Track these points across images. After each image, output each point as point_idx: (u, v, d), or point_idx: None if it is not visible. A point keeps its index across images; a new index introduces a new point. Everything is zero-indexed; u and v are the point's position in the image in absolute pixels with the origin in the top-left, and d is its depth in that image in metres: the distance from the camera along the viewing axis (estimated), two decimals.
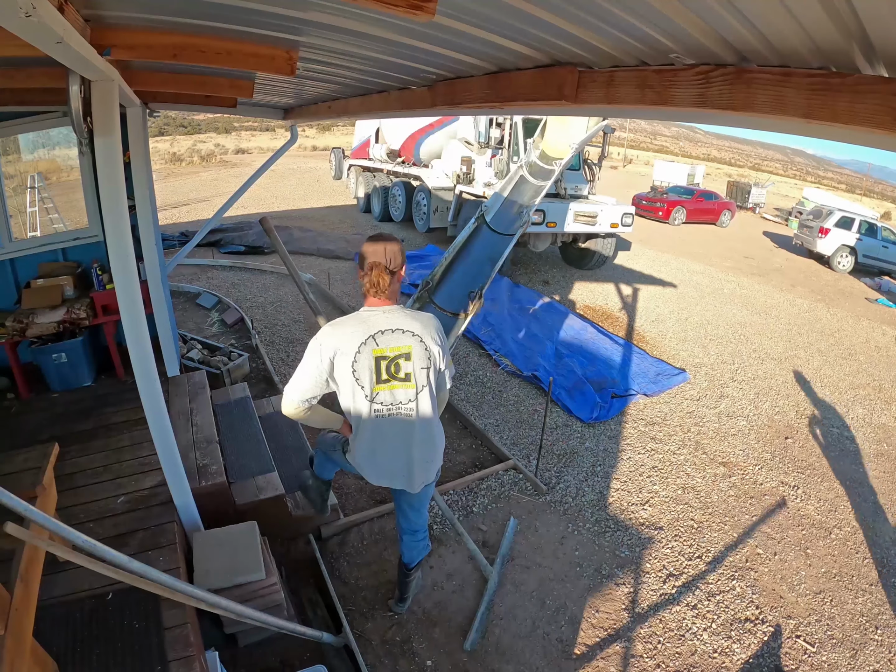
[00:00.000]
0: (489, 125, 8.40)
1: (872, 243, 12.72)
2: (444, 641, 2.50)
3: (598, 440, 4.28)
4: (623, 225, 8.68)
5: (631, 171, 38.32)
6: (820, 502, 3.81)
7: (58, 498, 1.97)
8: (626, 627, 2.67)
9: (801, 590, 3.01)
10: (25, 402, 3.50)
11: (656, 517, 3.48)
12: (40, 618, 1.49)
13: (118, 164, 1.97)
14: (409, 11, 1.05)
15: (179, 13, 1.62)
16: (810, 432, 4.76)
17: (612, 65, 1.58)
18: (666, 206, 16.26)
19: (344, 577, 2.81)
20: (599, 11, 1.18)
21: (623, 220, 8.65)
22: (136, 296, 2.07)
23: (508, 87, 1.93)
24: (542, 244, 8.77)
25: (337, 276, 8.04)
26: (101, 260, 3.91)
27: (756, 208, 22.15)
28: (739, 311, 8.09)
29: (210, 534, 2.40)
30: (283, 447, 3.43)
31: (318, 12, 1.50)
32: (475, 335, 6.02)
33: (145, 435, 2.50)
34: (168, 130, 35.19)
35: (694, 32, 1.15)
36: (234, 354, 4.89)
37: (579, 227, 8.39)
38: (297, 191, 16.51)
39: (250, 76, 2.77)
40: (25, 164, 5.63)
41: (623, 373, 5.43)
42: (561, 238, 8.96)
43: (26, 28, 1.05)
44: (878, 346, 7.32)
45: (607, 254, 9.26)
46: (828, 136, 1.21)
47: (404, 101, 2.76)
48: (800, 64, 1.13)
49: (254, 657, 2.30)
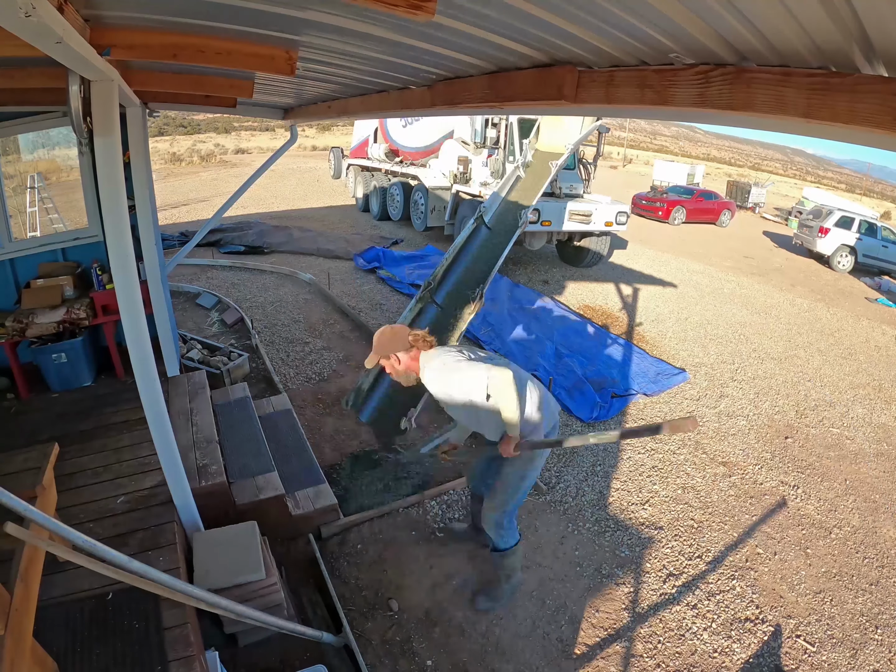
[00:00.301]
0: (485, 125, 8.52)
1: (872, 243, 12.71)
2: (444, 641, 2.50)
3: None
4: (617, 223, 8.76)
5: (631, 170, 38.31)
6: (820, 502, 3.81)
7: (58, 498, 1.97)
8: (626, 627, 2.68)
9: (801, 589, 3.01)
10: (25, 402, 3.50)
11: (656, 517, 3.48)
12: (40, 618, 1.49)
13: (118, 164, 1.97)
14: (409, 11, 1.05)
15: (179, 13, 1.62)
16: (810, 432, 4.76)
17: (611, 64, 1.58)
18: (666, 205, 16.24)
19: (344, 577, 2.81)
20: (599, 11, 1.18)
21: (617, 218, 8.73)
22: (136, 296, 2.07)
23: (508, 87, 1.93)
24: (538, 242, 8.83)
25: (337, 276, 8.04)
26: (101, 260, 3.91)
27: (756, 208, 22.13)
28: (739, 311, 8.09)
29: (210, 534, 2.40)
30: (282, 447, 3.43)
31: (317, 12, 1.50)
32: (475, 335, 6.02)
33: (145, 435, 2.50)
34: (168, 130, 35.18)
35: (694, 32, 1.15)
36: (233, 354, 4.89)
37: (574, 225, 8.50)
38: (296, 191, 16.50)
39: (250, 76, 2.77)
40: (25, 164, 5.62)
41: (623, 372, 5.43)
42: (557, 237, 9.05)
43: (26, 28, 1.05)
44: (878, 346, 7.32)
45: (602, 252, 9.38)
46: (828, 135, 1.21)
47: (404, 101, 2.76)
48: (799, 64, 1.13)
49: (254, 657, 2.30)
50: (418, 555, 2.99)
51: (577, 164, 9.35)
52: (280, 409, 3.87)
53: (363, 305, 6.96)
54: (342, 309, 6.65)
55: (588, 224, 8.57)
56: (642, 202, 17.00)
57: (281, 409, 3.87)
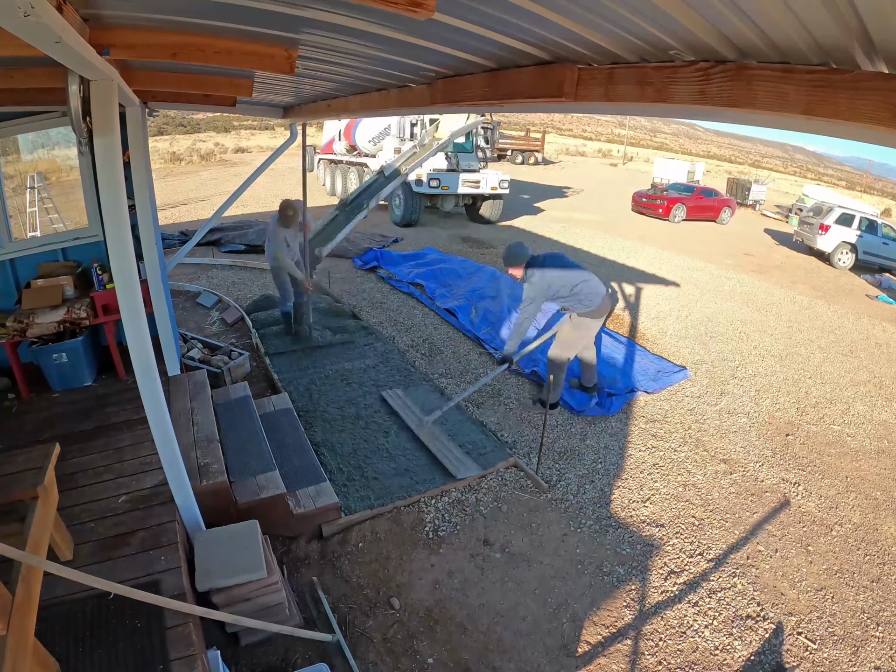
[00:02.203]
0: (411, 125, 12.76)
1: (873, 240, 12.70)
2: (446, 639, 2.51)
3: (598, 438, 4.28)
4: (501, 188, 12.59)
5: (631, 168, 38.28)
6: (821, 499, 3.81)
7: (59, 498, 1.98)
8: (627, 625, 2.68)
9: (802, 587, 3.01)
10: (26, 403, 3.50)
11: (657, 514, 3.49)
12: (42, 618, 1.49)
13: (118, 163, 1.97)
14: (409, 9, 1.05)
15: (178, 12, 1.62)
16: (811, 429, 4.76)
17: (611, 62, 1.57)
18: (666, 203, 16.23)
19: (345, 575, 2.81)
20: (600, 9, 1.18)
21: (500, 184, 12.54)
22: (137, 295, 2.07)
23: (508, 85, 1.93)
24: (448, 205, 13.00)
25: (337, 275, 8.05)
26: (102, 259, 3.91)
27: (756, 205, 22.11)
28: (740, 308, 8.09)
29: (211, 533, 2.40)
30: (283, 446, 3.44)
31: (317, 10, 1.49)
32: (475, 334, 6.02)
33: (146, 434, 2.51)
34: (167, 129, 35.13)
35: (694, 29, 1.15)
36: (234, 353, 4.89)
37: (467, 189, 12.40)
38: (296, 189, 16.41)
39: (249, 75, 2.77)
40: (25, 165, 5.63)
41: (624, 370, 5.43)
42: (462, 201, 13.14)
43: (25, 28, 1.05)
44: (879, 343, 7.31)
45: (497, 212, 13.38)
46: (828, 132, 1.21)
47: (404, 99, 2.76)
48: (800, 60, 1.12)
49: (255, 656, 2.31)
50: (419, 553, 3.00)
51: (475, 148, 13.14)
52: (281, 407, 3.87)
53: (364, 304, 6.97)
54: (342, 308, 6.64)
55: (478, 188, 12.44)
56: (643, 200, 17.00)
57: (281, 407, 3.87)
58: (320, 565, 2.85)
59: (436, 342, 5.90)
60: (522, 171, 27.86)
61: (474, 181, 12.33)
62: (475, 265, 8.33)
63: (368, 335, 5.89)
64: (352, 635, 2.48)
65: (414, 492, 3.43)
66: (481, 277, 7.70)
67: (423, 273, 7.88)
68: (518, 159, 31.31)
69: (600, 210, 17.17)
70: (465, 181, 12.24)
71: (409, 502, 3.34)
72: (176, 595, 2.01)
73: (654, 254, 11.29)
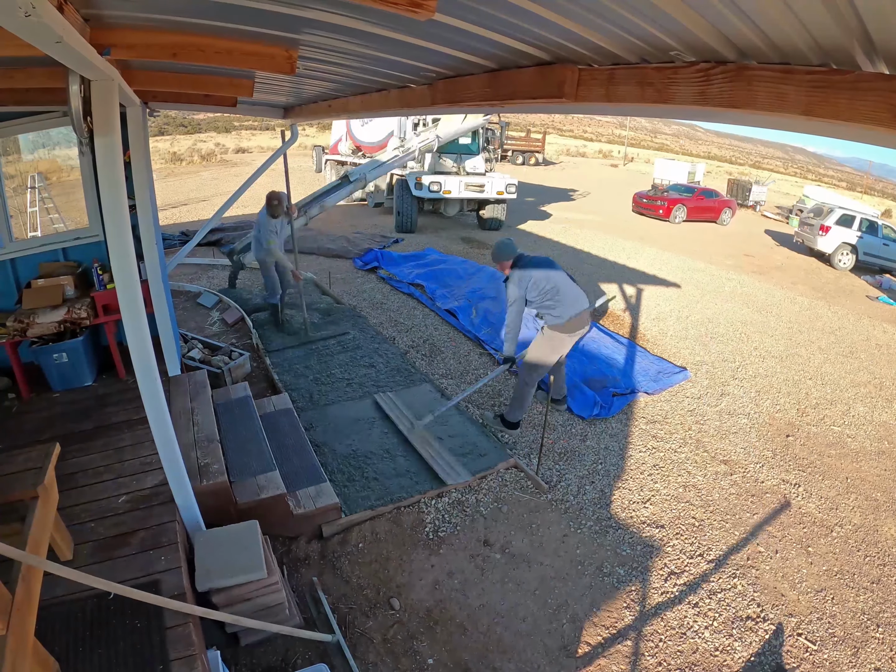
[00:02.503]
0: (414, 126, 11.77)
1: (873, 241, 12.69)
2: (446, 639, 2.51)
3: (599, 438, 4.28)
4: (508, 193, 11.63)
5: (632, 169, 38.29)
6: (821, 500, 3.81)
7: (59, 497, 1.98)
8: (627, 625, 2.68)
9: (802, 588, 3.01)
10: (26, 402, 3.51)
11: (657, 515, 3.48)
12: (42, 618, 1.49)
13: (118, 163, 1.97)
14: (410, 10, 1.05)
15: (178, 12, 1.62)
16: (811, 430, 4.76)
17: (612, 62, 1.57)
18: (667, 204, 16.23)
19: (345, 575, 2.81)
20: (600, 9, 1.18)
21: (507, 189, 11.60)
22: (137, 295, 2.07)
23: (509, 85, 1.93)
24: (452, 209, 12.10)
25: (337, 275, 8.04)
26: (102, 259, 3.91)
27: (757, 206, 22.10)
28: (740, 309, 8.09)
29: (211, 533, 2.40)
30: (283, 446, 3.43)
31: (317, 11, 1.49)
32: (476, 335, 6.02)
33: (146, 434, 2.51)
34: (168, 130, 35.15)
35: (695, 30, 1.15)
36: (234, 353, 4.89)
37: (471, 193, 11.47)
38: (297, 189, 16.44)
39: (250, 75, 2.77)
40: (26, 164, 5.64)
41: (624, 371, 5.43)
42: (468, 207, 12.31)
43: (26, 28, 1.05)
44: (879, 344, 7.31)
45: (501, 218, 12.28)
46: (828, 133, 1.21)
47: (404, 100, 2.76)
48: (800, 61, 1.12)
49: (255, 656, 2.31)
50: (419, 553, 2.99)
51: (480, 150, 12.26)
52: (281, 408, 3.87)
53: (364, 305, 6.97)
54: (342, 307, 6.64)
55: (482, 193, 11.52)
56: (643, 201, 16.99)
57: (282, 408, 3.87)
58: (320, 565, 2.86)
59: (436, 343, 5.90)
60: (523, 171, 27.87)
61: (478, 185, 11.47)
62: (475, 266, 8.33)
63: (368, 336, 5.89)
64: (352, 635, 2.48)
65: (414, 492, 3.43)
66: (482, 278, 7.70)
67: (424, 273, 7.88)
68: (519, 160, 31.40)
69: (601, 211, 17.17)
70: (468, 185, 11.36)
71: (410, 503, 3.33)
72: (176, 595, 2.01)
73: (654, 255, 11.29)
